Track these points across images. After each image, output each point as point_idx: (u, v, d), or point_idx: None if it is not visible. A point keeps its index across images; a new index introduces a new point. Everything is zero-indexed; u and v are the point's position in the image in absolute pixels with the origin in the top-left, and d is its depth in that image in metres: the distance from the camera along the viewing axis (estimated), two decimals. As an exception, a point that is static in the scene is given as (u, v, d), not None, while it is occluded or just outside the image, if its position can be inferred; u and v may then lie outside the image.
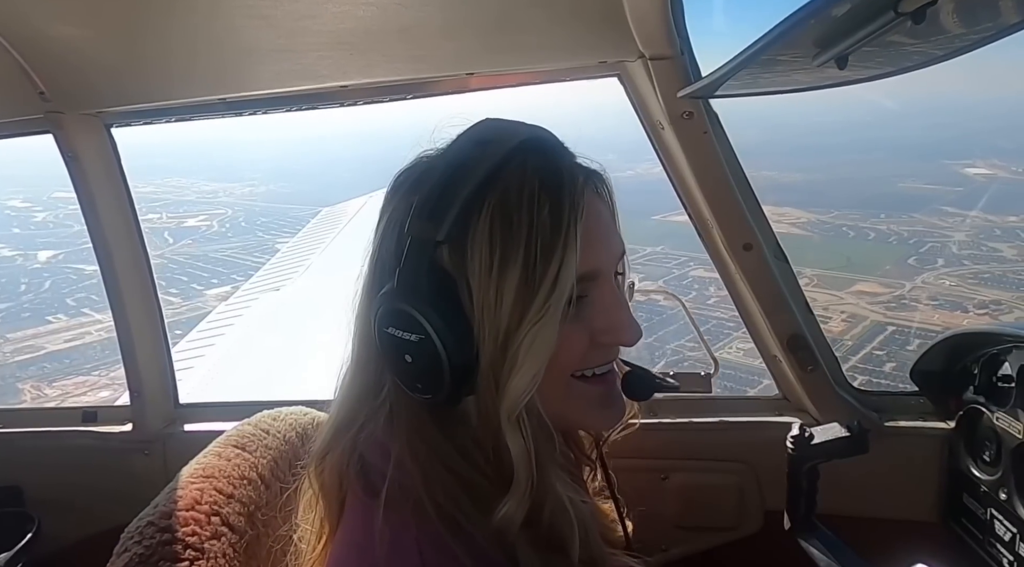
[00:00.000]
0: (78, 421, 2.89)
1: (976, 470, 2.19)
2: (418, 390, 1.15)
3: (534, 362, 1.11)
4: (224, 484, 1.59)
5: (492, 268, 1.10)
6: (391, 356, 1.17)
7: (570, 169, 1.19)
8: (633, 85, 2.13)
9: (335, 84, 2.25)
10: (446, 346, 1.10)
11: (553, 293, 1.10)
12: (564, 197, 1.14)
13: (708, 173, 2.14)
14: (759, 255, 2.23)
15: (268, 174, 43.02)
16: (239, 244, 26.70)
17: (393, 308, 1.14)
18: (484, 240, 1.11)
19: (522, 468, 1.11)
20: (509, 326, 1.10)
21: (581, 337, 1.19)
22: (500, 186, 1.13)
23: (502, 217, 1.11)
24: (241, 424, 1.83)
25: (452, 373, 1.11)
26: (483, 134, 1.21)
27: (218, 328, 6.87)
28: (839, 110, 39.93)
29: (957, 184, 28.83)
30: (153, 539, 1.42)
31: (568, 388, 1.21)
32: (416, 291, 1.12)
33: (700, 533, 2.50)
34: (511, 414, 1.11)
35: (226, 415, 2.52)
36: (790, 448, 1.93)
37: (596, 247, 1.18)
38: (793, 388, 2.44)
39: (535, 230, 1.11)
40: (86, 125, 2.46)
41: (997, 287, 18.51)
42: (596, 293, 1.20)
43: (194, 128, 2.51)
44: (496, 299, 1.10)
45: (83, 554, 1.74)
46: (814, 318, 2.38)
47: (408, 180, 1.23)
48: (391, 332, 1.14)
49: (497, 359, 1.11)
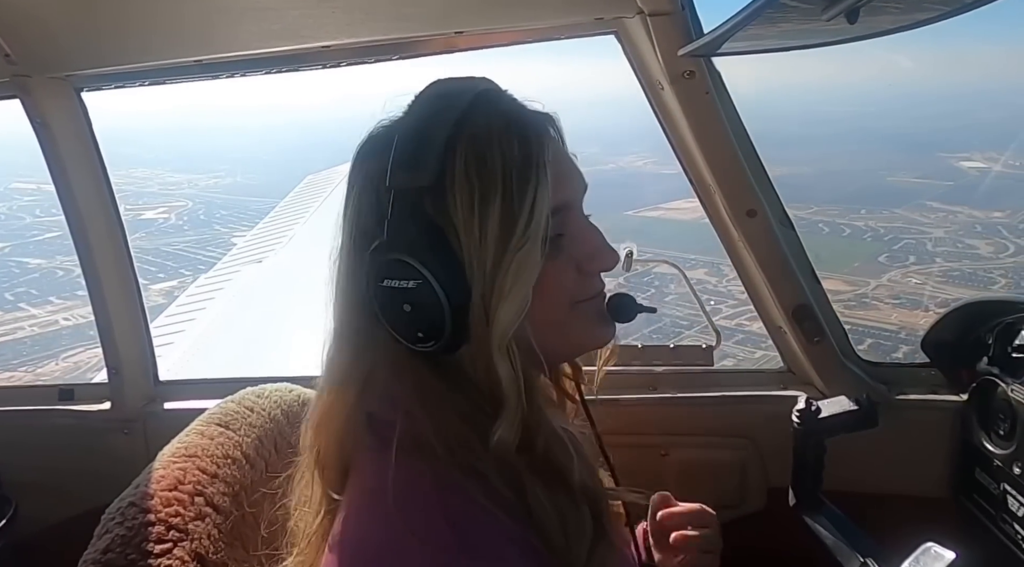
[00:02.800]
0: (54, 399, 2.90)
1: (989, 444, 2.20)
2: (420, 340, 1.23)
3: (520, 288, 1.20)
4: (208, 464, 1.60)
5: (473, 206, 1.20)
6: (389, 309, 1.24)
7: (528, 111, 1.31)
8: (631, 43, 2.12)
9: (317, 44, 2.23)
10: (442, 285, 1.19)
11: (531, 223, 1.20)
12: (530, 134, 1.25)
13: (710, 135, 2.14)
14: (764, 222, 2.23)
15: (236, 165, 42.89)
16: (193, 238, 26.69)
17: (387, 259, 1.22)
18: (463, 181, 1.20)
19: (512, 392, 1.21)
20: (495, 258, 1.20)
21: (568, 269, 1.30)
22: (469, 130, 1.22)
23: (476, 158, 1.21)
24: (224, 402, 1.83)
25: (451, 313, 1.20)
26: (441, 90, 1.31)
27: (198, 302, 6.86)
28: (839, 101, 40.02)
29: (948, 178, 28.99)
30: (135, 520, 1.43)
31: (570, 315, 1.32)
32: (407, 239, 1.21)
33: None
34: (501, 342, 1.20)
35: (208, 392, 2.52)
36: (796, 422, 1.94)
37: (564, 180, 1.30)
38: (799, 360, 2.45)
39: (508, 166, 1.21)
40: (55, 89, 2.44)
41: (964, 285, 18.75)
42: (571, 225, 1.31)
43: (167, 115, 2.50)
44: (480, 235, 1.20)
45: (62, 537, 1.75)
46: (821, 287, 2.38)
47: (375, 146, 1.31)
48: (387, 284, 1.22)
49: (487, 292, 1.20)
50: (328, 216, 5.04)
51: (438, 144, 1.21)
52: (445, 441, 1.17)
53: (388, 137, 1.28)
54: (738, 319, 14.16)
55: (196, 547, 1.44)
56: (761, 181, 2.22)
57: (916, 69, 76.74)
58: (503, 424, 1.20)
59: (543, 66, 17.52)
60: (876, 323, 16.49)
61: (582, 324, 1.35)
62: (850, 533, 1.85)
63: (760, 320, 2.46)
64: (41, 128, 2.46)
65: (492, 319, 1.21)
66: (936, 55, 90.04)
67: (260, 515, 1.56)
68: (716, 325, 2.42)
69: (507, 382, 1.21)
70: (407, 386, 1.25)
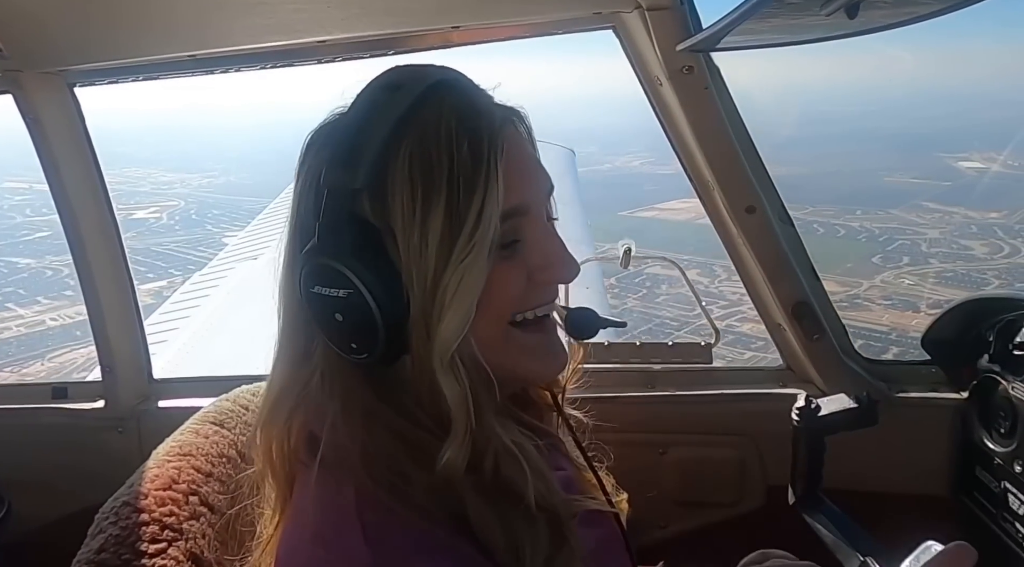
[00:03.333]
0: (48, 398, 2.90)
1: (990, 442, 2.21)
2: (353, 350, 1.16)
3: (462, 302, 1.12)
4: (202, 462, 1.60)
5: (415, 211, 1.12)
6: (321, 317, 1.18)
7: (487, 106, 1.21)
8: (629, 38, 2.12)
9: (312, 39, 2.22)
10: (376, 298, 1.12)
11: (478, 230, 1.12)
12: (483, 132, 1.15)
13: (709, 131, 2.14)
14: (763, 218, 2.23)
15: (231, 164, 42.89)
16: (184, 238, 26.71)
17: (317, 265, 1.15)
18: (404, 183, 1.12)
19: (459, 411, 1.13)
20: (436, 268, 1.12)
21: (517, 276, 1.21)
22: (416, 127, 1.14)
23: (421, 157, 1.12)
24: (219, 400, 1.83)
25: (386, 327, 1.13)
26: (393, 79, 1.21)
27: (193, 299, 6.84)
28: (841, 100, 40.26)
29: (945, 178, 29.07)
30: (129, 520, 1.43)
31: (506, 336, 1.23)
32: (339, 244, 1.13)
33: (700, 509, 2.53)
34: (443, 358, 1.13)
35: (203, 390, 2.51)
36: (795, 420, 1.95)
37: (521, 181, 1.20)
38: (798, 358, 2.45)
39: (455, 167, 1.12)
40: (48, 84, 2.43)
41: (957, 286, 18.83)
42: (528, 230, 1.22)
43: (164, 115, 2.50)
44: (421, 242, 1.12)
45: (56, 536, 1.75)
46: (820, 285, 2.39)
47: (320, 137, 1.24)
48: (318, 291, 1.15)
49: (427, 304, 1.13)
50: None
51: (379, 140, 1.13)
52: (369, 458, 1.11)
53: (334, 130, 1.22)
54: (728, 320, 14.22)
55: (191, 547, 1.44)
56: (760, 177, 2.22)
57: (917, 68, 76.27)
58: (451, 445, 1.12)
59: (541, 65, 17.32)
60: (867, 324, 16.59)
61: (519, 355, 1.26)
62: (850, 531, 1.86)
63: (750, 322, 2.46)
64: (34, 124, 2.45)
65: (433, 334, 1.13)
66: (938, 53, 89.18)
67: (255, 514, 1.56)
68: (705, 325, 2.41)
69: (453, 400, 1.13)
70: (336, 398, 1.18)
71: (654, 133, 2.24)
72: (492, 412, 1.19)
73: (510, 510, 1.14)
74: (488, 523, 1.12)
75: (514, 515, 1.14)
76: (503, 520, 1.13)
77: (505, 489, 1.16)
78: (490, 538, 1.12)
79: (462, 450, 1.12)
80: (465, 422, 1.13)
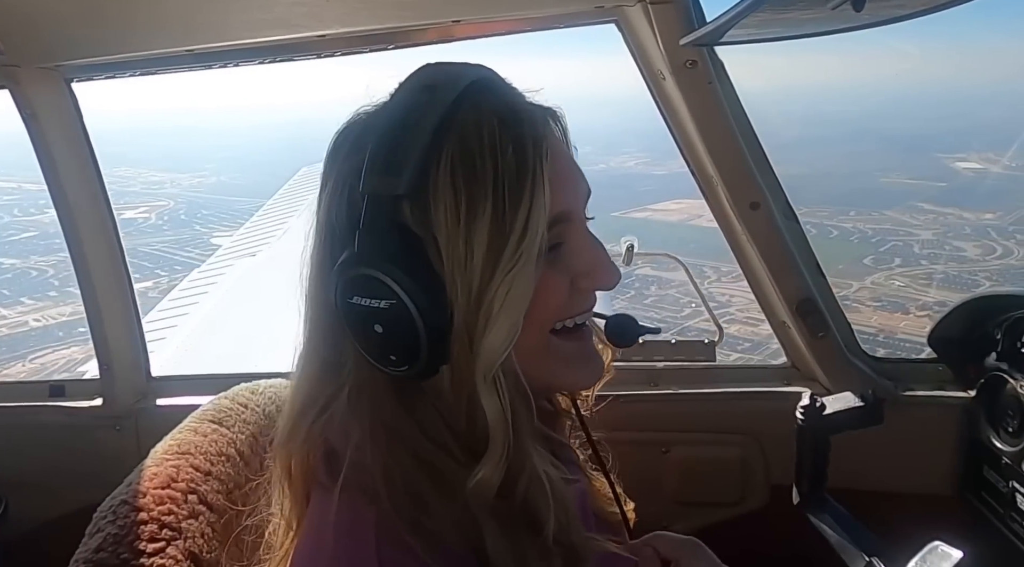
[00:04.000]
0: (45, 396, 2.90)
1: (997, 441, 2.21)
2: (391, 363, 1.12)
3: (510, 315, 1.09)
4: (201, 461, 1.60)
5: (459, 219, 1.08)
6: (358, 329, 1.14)
7: (526, 108, 1.18)
8: (632, 31, 2.12)
9: (312, 34, 2.23)
10: (419, 308, 1.08)
11: (525, 239, 1.09)
12: (526, 136, 1.12)
13: (712, 126, 2.14)
14: (767, 214, 2.23)
15: (222, 164, 42.77)
16: (172, 238, 26.63)
17: (357, 275, 1.11)
18: (447, 190, 1.08)
19: (498, 430, 1.10)
20: (482, 279, 1.08)
21: (561, 284, 1.19)
22: (457, 130, 1.10)
23: (464, 163, 1.09)
24: (217, 398, 1.83)
25: (428, 338, 1.09)
26: (428, 78, 1.17)
27: (191, 296, 6.85)
28: (841, 100, 40.32)
29: (942, 179, 29.05)
30: (127, 519, 1.43)
31: (547, 345, 1.20)
32: (380, 253, 1.09)
33: (702, 509, 2.53)
34: (487, 373, 1.10)
35: (201, 388, 2.52)
36: (800, 419, 1.95)
37: (565, 187, 1.18)
38: (802, 356, 2.45)
39: (500, 174, 1.09)
40: (45, 79, 2.44)
41: (948, 288, 18.83)
42: (571, 236, 1.20)
43: (159, 115, 2.50)
44: (466, 252, 1.08)
45: (53, 535, 1.75)
46: (825, 281, 2.39)
47: (349, 138, 1.21)
48: (356, 302, 1.11)
49: (471, 316, 1.10)
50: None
51: (420, 145, 1.08)
52: (391, 485, 1.08)
53: (365, 131, 1.17)
54: (709, 324, 14.25)
55: (189, 546, 1.44)
56: (765, 173, 2.22)
57: (919, 67, 75.65)
58: (487, 464, 1.09)
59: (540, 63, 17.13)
60: (855, 325, 16.70)
61: (558, 364, 1.23)
62: (855, 531, 1.85)
63: (738, 323, 2.45)
64: (31, 119, 2.45)
65: (477, 347, 1.10)
66: (945, 49, 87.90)
67: (255, 513, 1.56)
68: (693, 325, 2.41)
69: (493, 418, 1.10)
70: (363, 414, 1.15)
71: (650, 133, 2.24)
72: (529, 432, 1.17)
73: (527, 541, 1.12)
74: (504, 557, 1.09)
75: (529, 547, 1.12)
76: (518, 551, 1.10)
77: (527, 519, 1.13)
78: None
79: (498, 470, 1.10)
80: (503, 440, 1.10)
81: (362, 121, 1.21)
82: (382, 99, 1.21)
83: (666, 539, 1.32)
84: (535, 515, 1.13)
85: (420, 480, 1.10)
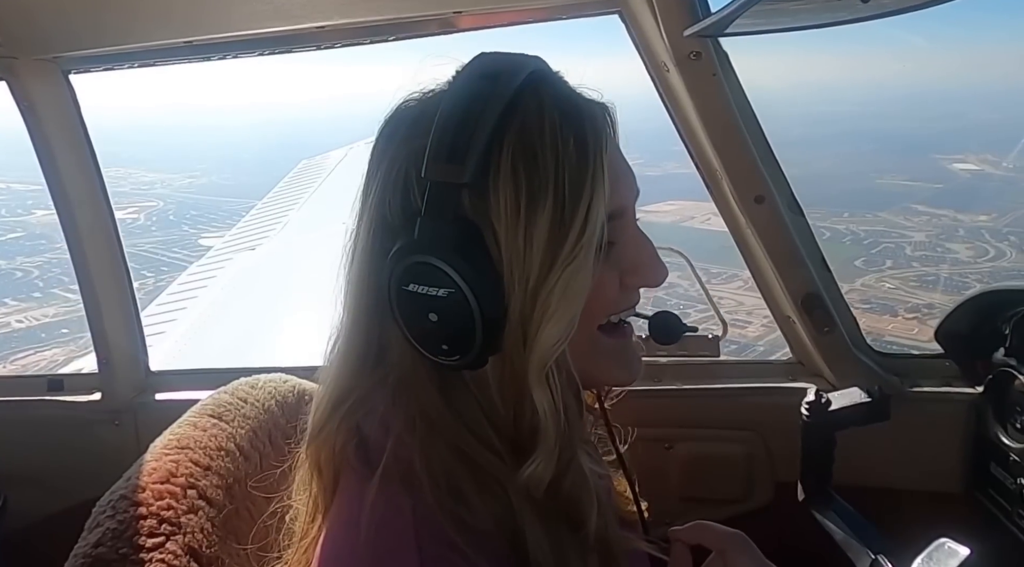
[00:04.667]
0: (43, 390, 2.91)
1: (1005, 438, 2.21)
2: (443, 353, 1.12)
3: (568, 309, 1.09)
4: (200, 456, 1.60)
5: (520, 210, 1.08)
6: (411, 316, 1.13)
7: (585, 101, 1.18)
8: (635, 22, 2.11)
9: (311, 25, 2.23)
10: (478, 298, 1.08)
11: (585, 232, 1.09)
12: (587, 129, 1.12)
13: (717, 119, 2.13)
14: (772, 208, 2.23)
15: (215, 165, 42.86)
16: (160, 239, 26.65)
17: (415, 263, 1.10)
18: (508, 180, 1.08)
19: (551, 424, 1.10)
20: (540, 272, 1.08)
21: (612, 280, 1.19)
22: (518, 121, 1.10)
23: (525, 154, 1.09)
24: (217, 392, 1.84)
25: (484, 328, 1.09)
26: (488, 67, 1.16)
27: (191, 290, 6.87)
28: (840, 100, 40.47)
29: (938, 180, 29.11)
30: (127, 513, 1.44)
31: (593, 341, 1.21)
32: (440, 241, 1.09)
33: (706, 506, 2.53)
34: (542, 368, 1.10)
35: (200, 383, 2.53)
36: (805, 415, 1.95)
37: (621, 182, 1.18)
38: (808, 351, 2.46)
39: (561, 166, 1.09)
40: (42, 71, 2.44)
41: (937, 290, 18.87)
42: (624, 233, 1.20)
43: (153, 113, 2.50)
44: (525, 244, 1.08)
45: (52, 530, 1.76)
46: (831, 275, 2.39)
47: (403, 125, 1.19)
48: (412, 290, 1.10)
49: (527, 309, 1.10)
50: (323, 202, 5.11)
51: (484, 134, 1.07)
52: (432, 477, 1.08)
53: (424, 117, 1.15)
54: (707, 323, 14.26)
55: (189, 541, 1.44)
56: (770, 166, 2.22)
57: (916, 68, 74.95)
58: (540, 459, 1.09)
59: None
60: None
61: (605, 360, 1.25)
62: (861, 529, 1.85)
63: (722, 325, 2.44)
64: (28, 112, 2.46)
65: (531, 341, 1.09)
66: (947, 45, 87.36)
67: (254, 508, 1.56)
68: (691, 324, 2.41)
69: (546, 413, 1.10)
70: (406, 409, 1.15)
71: (644, 134, 2.24)
72: (579, 429, 1.19)
73: (567, 539, 1.13)
74: (545, 554, 1.10)
75: (569, 545, 1.13)
76: (558, 548, 1.11)
77: (569, 516, 1.14)
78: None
79: (550, 466, 1.10)
80: (556, 436, 1.11)
81: (414, 108, 1.21)
82: (432, 87, 1.21)
83: (712, 530, 1.32)
84: (578, 512, 1.14)
85: (460, 473, 1.10)
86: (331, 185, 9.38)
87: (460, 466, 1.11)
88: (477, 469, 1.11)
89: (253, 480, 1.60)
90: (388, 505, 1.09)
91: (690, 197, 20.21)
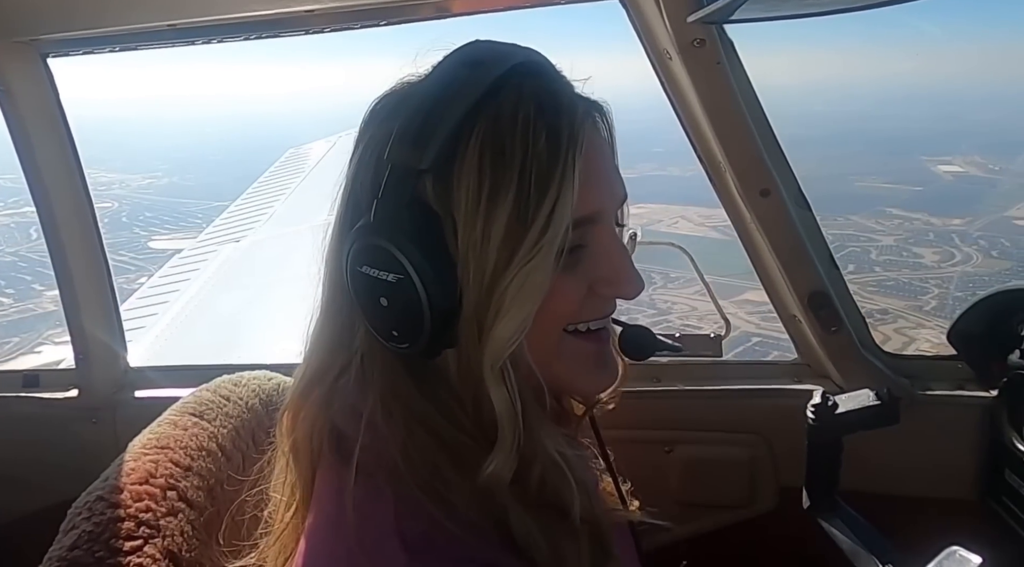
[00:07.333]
0: (18, 386, 2.92)
1: (1020, 443, 2.21)
2: (393, 339, 1.15)
3: (522, 307, 1.11)
4: (181, 456, 1.61)
5: (480, 201, 1.10)
6: (364, 299, 1.16)
7: (569, 97, 1.19)
8: (637, 9, 2.11)
9: (300, 8, 2.22)
10: (427, 287, 1.10)
11: (547, 232, 1.09)
12: (563, 125, 1.12)
13: (721, 109, 2.13)
14: (778, 202, 2.23)
15: (176, 165, 42.92)
16: (108, 241, 26.85)
17: (368, 244, 1.13)
18: (472, 170, 1.10)
19: (507, 422, 1.12)
20: (496, 267, 1.10)
21: (578, 287, 1.20)
22: (492, 111, 1.11)
23: (493, 145, 1.10)
24: (199, 390, 1.84)
25: (433, 318, 1.11)
26: (473, 55, 1.18)
27: (172, 283, 6.86)
28: (839, 100, 40.80)
29: (918, 183, 29.22)
30: (103, 515, 1.44)
31: (560, 344, 1.22)
32: (395, 225, 1.11)
33: (708, 511, 2.54)
34: (494, 364, 1.12)
35: (182, 380, 2.54)
36: (811, 418, 1.95)
37: (597, 186, 1.18)
38: (814, 351, 2.46)
39: (529, 160, 1.10)
40: (19, 54, 2.44)
41: (894, 295, 18.94)
42: (595, 240, 1.20)
43: (114, 107, 2.49)
44: (483, 236, 1.10)
45: (26, 531, 1.77)
46: (839, 273, 2.39)
47: (387, 106, 1.23)
48: (365, 271, 1.13)
49: (482, 303, 1.11)
50: (310, 193, 5.11)
51: (452, 121, 1.10)
52: (409, 462, 1.11)
53: (403, 100, 1.19)
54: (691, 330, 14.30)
55: (168, 544, 1.45)
56: (776, 159, 2.22)
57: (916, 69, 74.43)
58: (496, 456, 1.11)
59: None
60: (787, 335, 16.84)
61: (572, 365, 1.25)
62: (868, 536, 1.85)
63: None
64: (4, 97, 2.46)
65: (485, 336, 1.12)
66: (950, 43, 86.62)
67: (236, 510, 1.57)
68: (674, 333, 2.40)
69: (501, 409, 1.12)
70: (375, 393, 1.17)
71: (642, 134, 2.23)
72: (540, 422, 1.19)
73: (555, 523, 1.14)
74: (532, 536, 1.12)
75: (558, 528, 1.14)
76: (547, 533, 1.13)
77: (550, 502, 1.16)
78: (534, 551, 1.11)
79: (508, 461, 1.12)
80: (512, 432, 1.12)
81: (403, 90, 1.24)
82: (426, 70, 1.22)
83: None
84: (557, 498, 1.16)
85: (437, 455, 1.13)
86: (318, 175, 9.39)
87: (436, 448, 1.13)
88: (453, 451, 1.14)
89: (235, 481, 1.61)
90: (369, 497, 1.11)
91: (658, 200, 20.12)
